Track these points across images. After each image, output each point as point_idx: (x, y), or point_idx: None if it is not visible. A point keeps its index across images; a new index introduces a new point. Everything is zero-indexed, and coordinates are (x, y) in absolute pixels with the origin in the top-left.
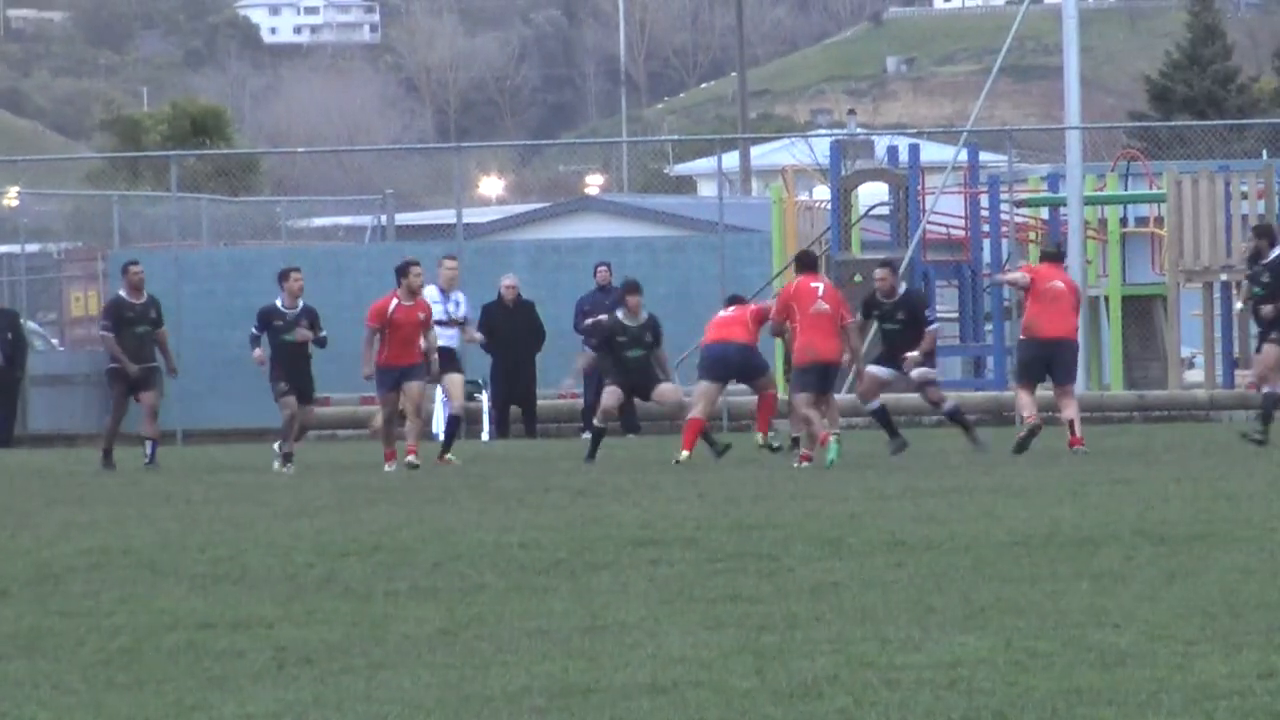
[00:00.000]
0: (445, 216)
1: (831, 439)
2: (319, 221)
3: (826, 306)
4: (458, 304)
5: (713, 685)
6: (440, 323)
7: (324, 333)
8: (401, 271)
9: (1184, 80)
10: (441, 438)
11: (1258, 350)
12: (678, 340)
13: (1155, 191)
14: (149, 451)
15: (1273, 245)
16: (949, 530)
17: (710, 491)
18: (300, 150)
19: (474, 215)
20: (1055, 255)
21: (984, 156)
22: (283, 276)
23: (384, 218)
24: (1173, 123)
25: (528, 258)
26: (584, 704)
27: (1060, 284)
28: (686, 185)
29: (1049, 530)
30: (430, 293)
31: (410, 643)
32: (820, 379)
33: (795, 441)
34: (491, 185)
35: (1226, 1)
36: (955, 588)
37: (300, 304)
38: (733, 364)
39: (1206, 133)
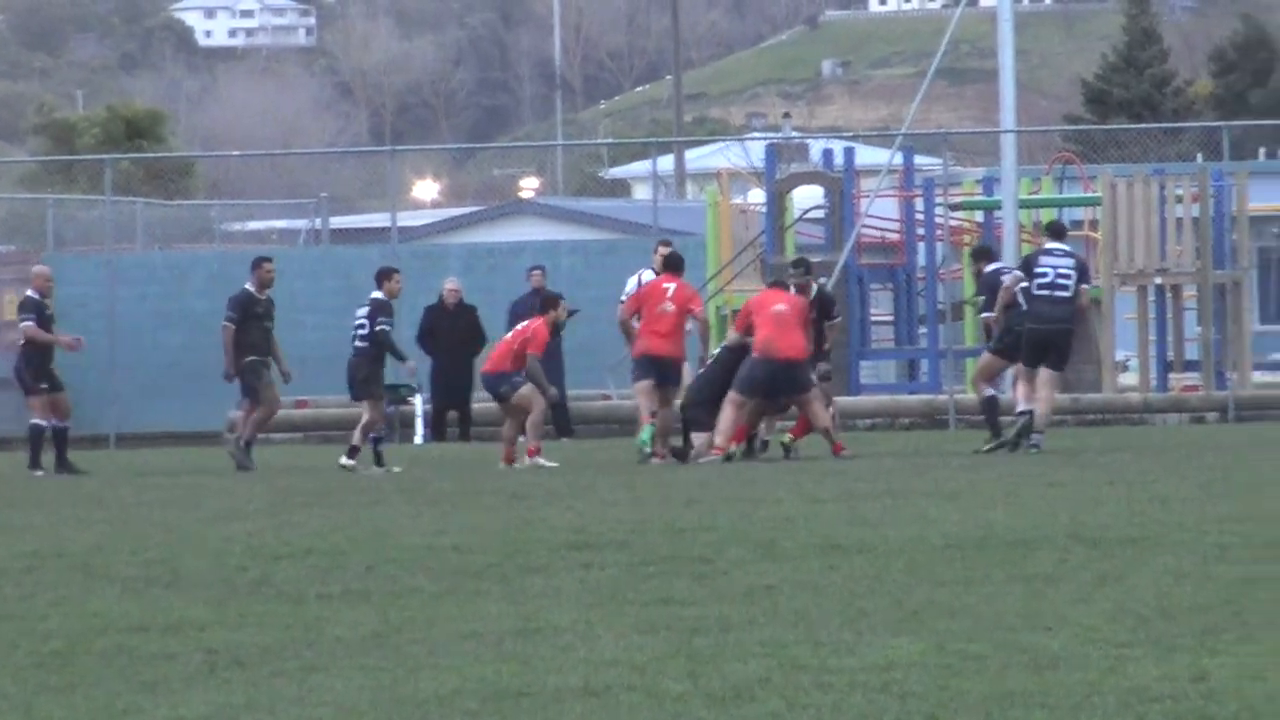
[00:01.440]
0: (380, 220)
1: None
2: (253, 225)
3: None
4: None
5: (645, 689)
6: None
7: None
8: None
9: (1120, 83)
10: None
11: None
12: (612, 343)
13: (1090, 195)
14: (238, 446)
15: (989, 264)
16: (882, 533)
17: (643, 495)
18: (235, 154)
19: (408, 219)
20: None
21: (919, 160)
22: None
23: (318, 221)
24: (1108, 126)
25: (462, 261)
26: (516, 707)
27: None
28: (621, 189)
29: (982, 533)
30: (648, 277)
31: (343, 646)
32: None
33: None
34: (426, 189)
35: (1162, 5)
36: (888, 591)
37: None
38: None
39: (1142, 136)
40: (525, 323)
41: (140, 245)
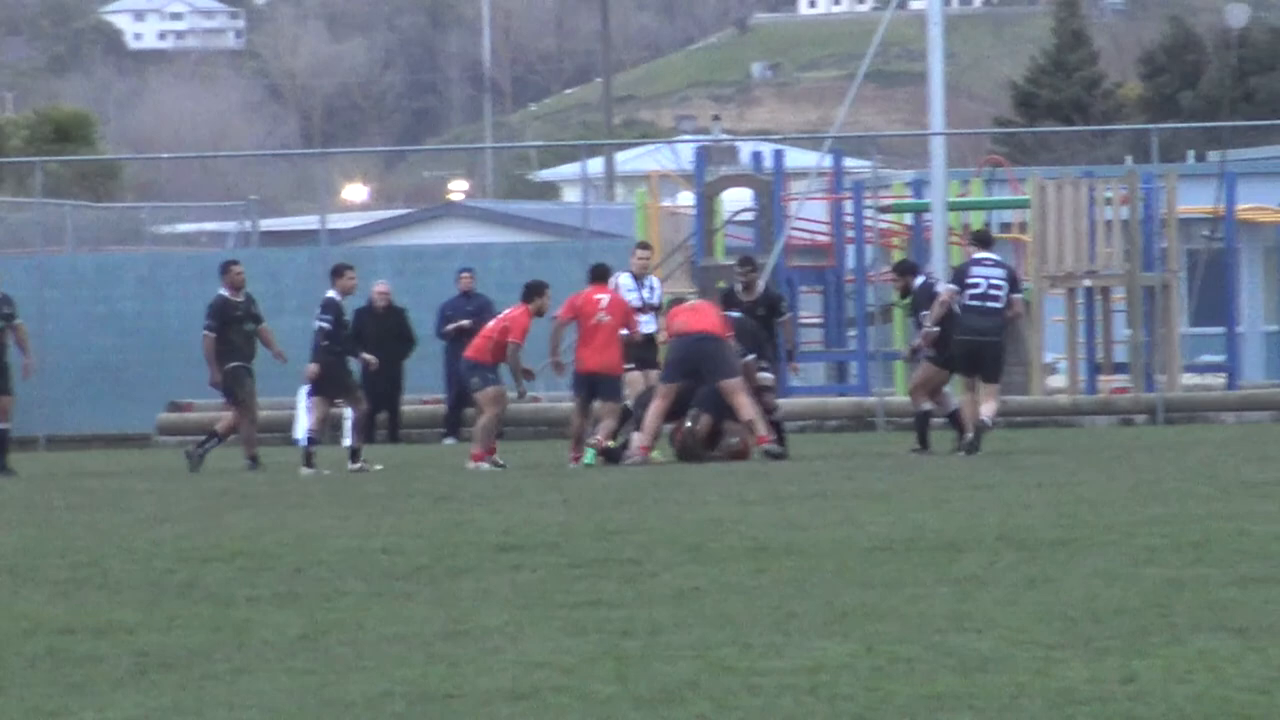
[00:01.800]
0: (309, 222)
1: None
2: (183, 227)
3: (607, 318)
4: (652, 289)
5: (574, 691)
6: (637, 309)
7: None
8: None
9: (1049, 86)
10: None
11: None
12: (542, 345)
13: (1019, 197)
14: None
15: (915, 276)
16: (811, 536)
17: (573, 497)
18: (164, 156)
19: (338, 221)
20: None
21: (848, 162)
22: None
23: (248, 223)
24: (1037, 129)
25: (392, 264)
26: (445, 710)
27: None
28: (551, 191)
29: (911, 535)
30: (625, 280)
31: (271, 648)
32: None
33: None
34: (356, 191)
35: (1091, 7)
36: (817, 593)
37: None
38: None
39: (1071, 138)
40: (508, 310)
41: (70, 248)
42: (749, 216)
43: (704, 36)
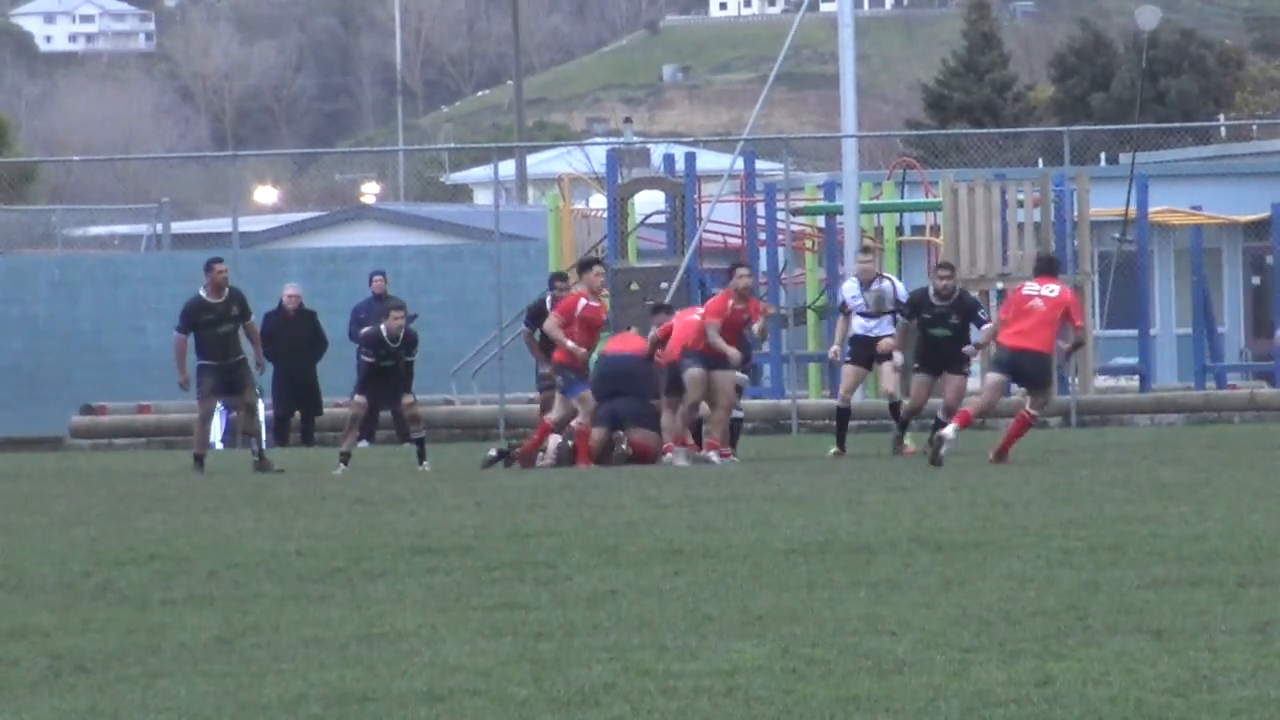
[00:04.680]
0: (221, 225)
1: None
2: (95, 230)
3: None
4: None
5: (490, 694)
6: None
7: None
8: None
9: (961, 88)
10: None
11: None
12: (455, 348)
13: (931, 200)
14: (255, 450)
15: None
16: (726, 538)
17: (487, 500)
18: (76, 159)
19: (250, 224)
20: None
21: (760, 165)
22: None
23: (160, 226)
24: (949, 131)
25: (304, 266)
26: (361, 712)
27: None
28: (463, 194)
29: (826, 538)
30: (850, 287)
31: (187, 651)
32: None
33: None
34: (267, 194)
35: (1003, 10)
36: (733, 596)
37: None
38: None
39: (983, 141)
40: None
41: None
42: (661, 219)
43: (615, 39)
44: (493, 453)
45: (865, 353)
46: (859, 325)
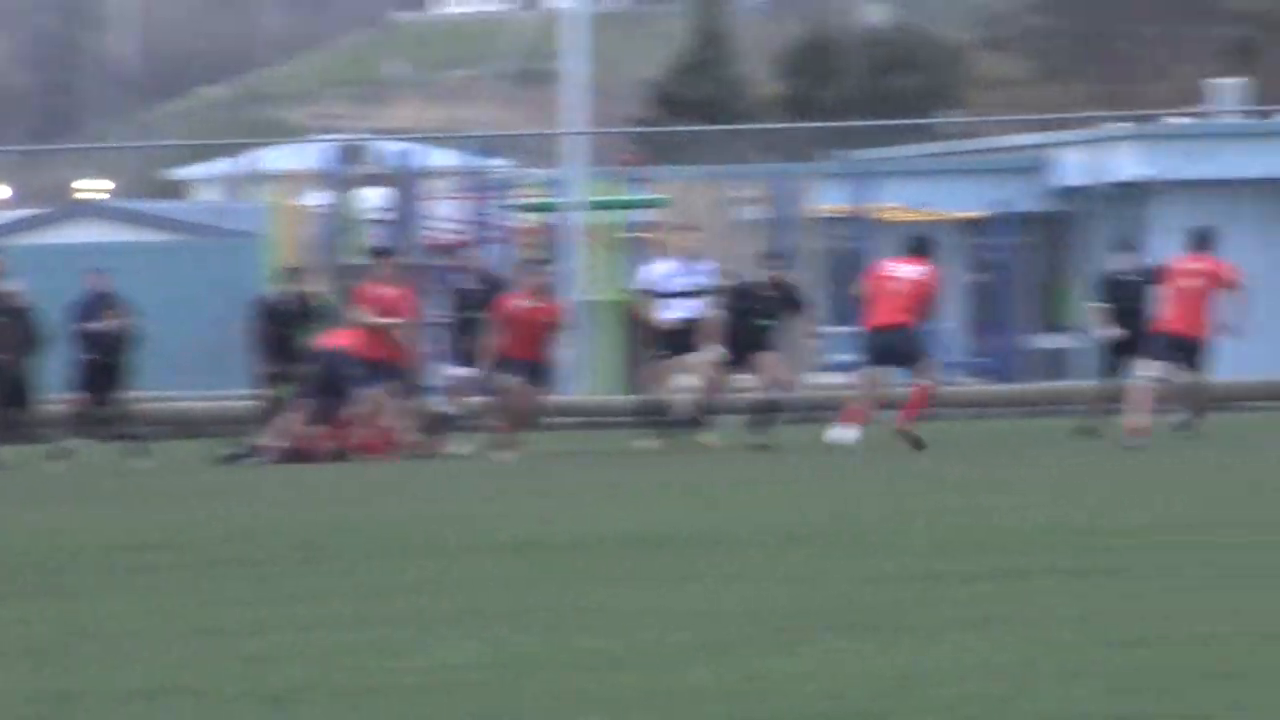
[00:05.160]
0: None
1: None
2: None
3: None
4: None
5: (199, 691)
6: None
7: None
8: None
9: (688, 85)
10: None
11: None
12: (181, 344)
13: (656, 197)
14: None
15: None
16: (443, 533)
17: (198, 496)
18: None
19: None
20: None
21: (485, 161)
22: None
23: None
24: (674, 128)
25: (23, 263)
26: (75, 709)
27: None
28: (186, 189)
29: (540, 536)
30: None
31: None
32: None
33: None
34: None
35: (732, 5)
36: (457, 593)
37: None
38: None
39: (710, 137)
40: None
41: None
42: (386, 215)
43: (341, 35)
44: (229, 451)
45: (679, 341)
46: (666, 313)
